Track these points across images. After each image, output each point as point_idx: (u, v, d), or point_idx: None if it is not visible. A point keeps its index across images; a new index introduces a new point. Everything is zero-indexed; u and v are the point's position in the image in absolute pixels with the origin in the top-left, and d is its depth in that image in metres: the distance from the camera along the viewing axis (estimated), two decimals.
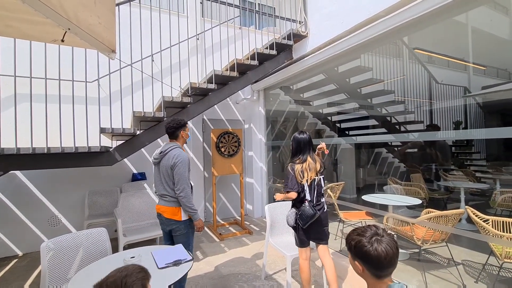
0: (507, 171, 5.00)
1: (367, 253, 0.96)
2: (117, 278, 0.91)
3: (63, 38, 1.67)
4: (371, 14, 2.67)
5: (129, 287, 0.88)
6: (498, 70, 6.60)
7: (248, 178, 5.42)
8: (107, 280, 0.91)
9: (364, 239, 0.98)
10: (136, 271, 0.95)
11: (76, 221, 3.98)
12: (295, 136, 2.41)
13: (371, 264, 0.97)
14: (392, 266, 0.97)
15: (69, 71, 2.58)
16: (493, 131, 3.21)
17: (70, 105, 2.53)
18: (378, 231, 1.00)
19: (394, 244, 0.97)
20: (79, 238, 2.15)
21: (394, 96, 4.89)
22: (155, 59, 3.84)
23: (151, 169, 4.59)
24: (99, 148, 2.48)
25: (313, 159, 2.32)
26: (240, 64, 3.26)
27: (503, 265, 2.34)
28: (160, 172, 2.32)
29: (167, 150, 2.33)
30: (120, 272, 0.93)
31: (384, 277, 0.98)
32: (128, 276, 0.91)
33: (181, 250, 1.96)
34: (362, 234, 1.00)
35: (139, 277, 0.94)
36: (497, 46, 6.41)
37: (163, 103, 2.83)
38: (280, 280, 2.86)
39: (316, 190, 2.30)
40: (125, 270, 0.94)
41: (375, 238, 0.97)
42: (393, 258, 0.96)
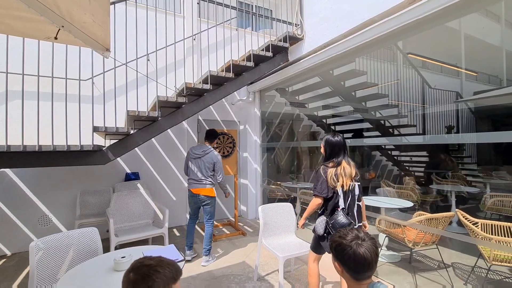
0: (497, 176, 5.09)
1: (346, 256, 0.99)
2: (156, 262, 0.97)
3: (56, 36, 1.66)
4: (365, 19, 2.71)
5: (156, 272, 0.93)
6: (489, 76, 6.73)
7: (242, 179, 5.42)
8: (146, 261, 0.98)
9: (344, 241, 1.01)
10: (175, 266, 1.01)
11: (67, 220, 3.93)
12: (329, 139, 2.19)
13: (349, 267, 0.99)
14: (369, 270, 0.98)
15: (62, 69, 2.55)
16: (484, 136, 3.29)
17: (63, 103, 2.50)
18: (359, 235, 1.02)
19: (374, 250, 0.99)
20: (70, 238, 2.12)
21: (388, 100, 4.95)
22: (150, 59, 3.83)
23: (144, 168, 4.56)
24: (91, 147, 2.46)
25: (349, 164, 2.13)
26: (236, 65, 3.27)
27: (491, 268, 2.38)
28: (201, 164, 3.38)
29: (208, 150, 3.42)
30: (160, 261, 0.99)
31: (362, 280, 1.00)
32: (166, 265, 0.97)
33: (172, 250, 1.95)
34: (344, 237, 1.03)
35: (176, 267, 1.00)
36: (489, 53, 6.55)
37: (157, 102, 2.82)
38: (272, 282, 2.87)
39: (351, 197, 2.10)
40: (163, 261, 1.00)
41: (355, 242, 0.99)
42: (371, 263, 0.98)
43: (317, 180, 2.14)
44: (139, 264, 0.96)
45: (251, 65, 3.37)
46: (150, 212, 3.75)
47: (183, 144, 4.88)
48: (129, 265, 1.72)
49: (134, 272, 0.94)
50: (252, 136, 5.31)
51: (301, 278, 2.95)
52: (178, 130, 4.81)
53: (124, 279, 0.95)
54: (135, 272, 0.93)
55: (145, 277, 0.92)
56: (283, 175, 6.38)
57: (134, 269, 0.95)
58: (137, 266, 0.96)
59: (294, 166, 6.68)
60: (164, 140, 4.70)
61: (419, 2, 2.30)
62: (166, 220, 3.38)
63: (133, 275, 0.93)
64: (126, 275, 0.95)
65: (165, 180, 4.73)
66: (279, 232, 2.99)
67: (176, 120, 3.13)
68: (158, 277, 0.92)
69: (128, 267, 0.98)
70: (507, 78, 5.86)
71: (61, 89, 2.69)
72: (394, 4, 2.43)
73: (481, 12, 6.57)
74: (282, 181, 5.66)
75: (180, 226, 4.81)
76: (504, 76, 6.08)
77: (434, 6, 2.24)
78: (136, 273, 0.93)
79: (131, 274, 0.93)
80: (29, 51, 2.37)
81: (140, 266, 0.95)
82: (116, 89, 2.88)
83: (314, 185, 2.17)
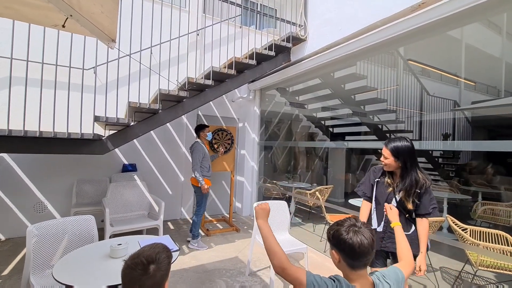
0: (490, 185, 5.18)
1: (343, 241, 1.02)
2: (151, 253, 1.00)
3: (64, 24, 1.68)
4: (368, 24, 2.75)
5: (161, 262, 0.98)
6: (488, 87, 6.82)
7: (239, 176, 5.46)
8: (143, 253, 0.99)
9: (341, 228, 1.05)
10: (165, 250, 1.06)
11: (63, 208, 3.95)
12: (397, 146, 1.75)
13: (346, 252, 1.03)
14: (365, 256, 1.02)
15: (66, 57, 2.57)
16: (479, 144, 3.35)
17: (65, 91, 2.52)
18: (357, 223, 1.07)
19: (370, 236, 1.03)
20: (66, 224, 2.15)
21: (386, 105, 5.01)
22: (153, 52, 3.84)
23: (142, 161, 4.58)
24: (92, 135, 2.48)
25: None
26: (238, 62, 3.30)
27: (477, 273, 2.45)
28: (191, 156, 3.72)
29: (193, 143, 3.76)
30: (153, 248, 1.03)
31: (358, 268, 1.03)
32: (160, 252, 1.01)
33: (168, 240, 1.98)
34: (341, 224, 1.08)
35: (168, 255, 1.05)
36: (489, 64, 6.64)
37: (159, 95, 2.85)
38: (263, 277, 2.91)
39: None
40: (157, 248, 1.04)
41: (352, 228, 1.04)
42: (367, 249, 1.01)
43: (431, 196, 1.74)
44: (142, 253, 0.99)
45: (253, 63, 3.40)
46: (146, 204, 3.78)
47: (181, 138, 4.91)
48: (125, 252, 1.77)
49: (155, 264, 0.96)
50: (251, 134, 5.35)
51: None
52: (177, 125, 4.84)
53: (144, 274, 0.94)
54: (156, 264, 0.97)
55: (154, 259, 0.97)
56: (279, 174, 6.43)
57: (152, 261, 0.97)
58: (155, 257, 0.98)
59: (291, 166, 6.74)
60: (163, 133, 4.72)
61: (421, 10, 2.34)
62: (161, 212, 3.41)
63: (155, 267, 0.96)
64: (145, 269, 0.95)
65: (162, 174, 4.76)
66: (272, 229, 3.03)
67: (176, 114, 3.16)
68: (164, 258, 1.00)
69: (136, 258, 0.97)
70: (505, 89, 5.96)
71: (64, 77, 2.71)
72: (397, 11, 2.47)
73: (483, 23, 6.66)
74: (278, 180, 5.71)
75: (174, 220, 4.85)
76: (503, 87, 6.17)
77: (436, 15, 2.29)
78: (157, 264, 0.97)
79: (152, 266, 0.95)
80: (33, 38, 2.38)
81: (157, 256, 0.99)
82: (119, 80, 2.90)
83: (434, 204, 1.75)
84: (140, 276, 0.94)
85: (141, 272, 0.94)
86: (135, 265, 0.95)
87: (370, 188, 1.94)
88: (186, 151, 4.92)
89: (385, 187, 1.83)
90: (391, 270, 1.13)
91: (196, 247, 3.57)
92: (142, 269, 0.94)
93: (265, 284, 2.78)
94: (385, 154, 1.78)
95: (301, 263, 3.30)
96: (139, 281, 0.94)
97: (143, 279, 0.94)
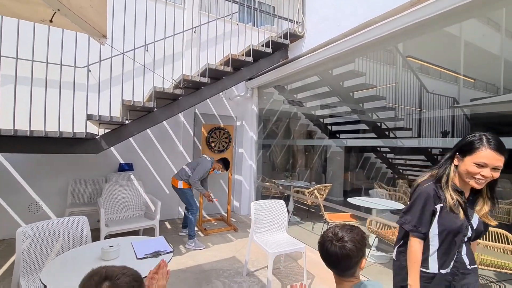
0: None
1: (320, 252, 1.05)
2: (116, 270, 0.89)
3: (52, 19, 1.63)
4: (367, 19, 2.70)
5: (118, 284, 0.85)
6: (487, 84, 6.80)
7: (237, 175, 5.42)
8: (109, 267, 0.90)
9: (322, 239, 1.05)
10: (135, 277, 0.92)
11: (58, 208, 3.90)
12: None
13: (325, 262, 1.05)
14: (340, 268, 1.01)
15: (58, 55, 2.51)
16: None
17: (57, 90, 2.46)
18: (338, 235, 1.02)
19: (346, 252, 0.98)
20: (58, 225, 2.10)
21: (385, 102, 4.97)
22: (148, 50, 3.79)
23: (138, 160, 4.53)
24: (84, 134, 2.43)
25: None
26: (234, 59, 3.25)
27: None
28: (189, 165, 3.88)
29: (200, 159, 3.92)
30: (123, 269, 0.92)
31: (344, 277, 1.02)
32: (125, 275, 0.89)
33: (162, 242, 1.94)
34: (326, 232, 1.06)
35: (134, 285, 0.90)
36: (488, 61, 6.60)
37: (153, 93, 2.80)
38: (261, 277, 2.88)
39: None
40: (127, 270, 0.92)
41: (329, 241, 1.02)
42: (341, 262, 0.99)
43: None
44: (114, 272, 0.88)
45: (250, 60, 3.35)
46: (142, 203, 3.73)
47: (178, 137, 4.85)
48: (117, 254, 1.72)
49: (109, 282, 0.85)
50: (249, 132, 5.30)
51: (290, 275, 2.97)
52: (174, 123, 4.78)
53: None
54: (110, 282, 0.85)
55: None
56: (278, 172, 6.39)
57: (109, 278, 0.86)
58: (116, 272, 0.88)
59: (289, 164, 6.70)
60: (159, 132, 4.67)
61: (420, 5, 2.29)
62: (157, 212, 3.37)
63: (110, 285, 0.84)
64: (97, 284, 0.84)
65: (159, 173, 4.71)
66: (270, 228, 3.00)
67: (172, 112, 3.11)
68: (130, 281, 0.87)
69: (96, 274, 0.87)
70: (504, 86, 5.93)
71: (56, 75, 2.65)
72: (395, 6, 2.43)
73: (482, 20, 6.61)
74: (276, 178, 5.67)
75: (172, 219, 4.80)
76: (501, 85, 6.14)
77: (435, 10, 2.24)
78: (112, 282, 0.85)
79: (106, 283, 0.84)
80: (24, 35, 2.33)
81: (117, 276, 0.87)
82: (113, 79, 2.85)
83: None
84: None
85: (94, 283, 0.84)
86: (94, 274, 0.86)
87: (428, 220, 1.28)
88: (183, 150, 4.87)
89: (453, 213, 1.25)
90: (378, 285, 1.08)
91: (193, 247, 3.54)
92: (96, 281, 0.84)
93: (262, 284, 2.74)
94: (500, 164, 1.16)
95: (299, 263, 3.27)
96: None
97: None
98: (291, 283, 2.81)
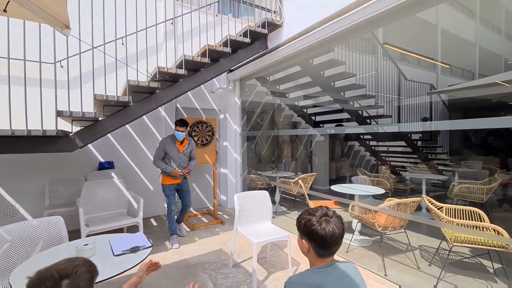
0: (465, 165, 5.37)
1: (315, 232, 1.00)
2: (67, 266, 0.85)
3: (6, 8, 1.52)
4: (342, 6, 2.70)
5: (79, 277, 0.83)
6: (463, 70, 7.01)
7: (222, 168, 5.39)
8: (56, 266, 0.85)
9: (314, 218, 1.02)
10: (87, 263, 0.90)
11: (35, 211, 3.75)
12: None
13: (317, 243, 1.00)
14: (336, 245, 1.01)
15: (25, 49, 2.36)
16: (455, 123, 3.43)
17: (22, 87, 2.33)
18: (328, 212, 1.04)
19: (341, 226, 1.02)
20: (31, 227, 2.02)
21: (365, 91, 5.04)
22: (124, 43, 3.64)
23: (120, 157, 4.41)
24: (55, 132, 2.32)
25: None
26: (212, 50, 3.18)
27: (452, 249, 2.52)
28: None
29: None
30: (70, 261, 0.88)
31: (326, 257, 1.02)
32: (79, 266, 0.86)
33: (140, 237, 1.91)
34: (313, 213, 1.04)
35: (90, 269, 0.89)
36: (464, 48, 6.79)
37: (127, 87, 2.70)
38: (247, 268, 2.90)
39: None
40: (76, 261, 0.89)
41: (324, 218, 1.01)
42: (338, 238, 1.00)
43: None
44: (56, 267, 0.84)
45: (228, 51, 3.29)
46: (125, 201, 3.65)
47: (160, 132, 4.75)
48: (93, 252, 1.68)
49: (71, 279, 0.81)
50: (232, 125, 5.26)
51: (276, 264, 3.00)
52: (154, 118, 4.67)
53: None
54: (72, 278, 0.81)
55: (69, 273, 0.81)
56: (264, 164, 6.41)
57: (65, 276, 0.81)
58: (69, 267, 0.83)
59: (275, 156, 6.73)
60: (140, 128, 4.55)
61: None
62: (140, 209, 3.30)
63: (69, 282, 0.80)
64: (55, 285, 0.79)
65: (142, 170, 4.61)
66: (255, 219, 3.01)
67: (150, 106, 3.03)
68: (84, 271, 0.84)
69: (43, 273, 0.82)
70: (479, 72, 6.13)
71: (21, 72, 2.50)
72: None
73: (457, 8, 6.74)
74: (262, 170, 5.69)
75: (157, 216, 4.74)
76: (477, 71, 6.36)
77: None
78: (71, 279, 0.81)
79: (65, 281, 0.80)
80: None
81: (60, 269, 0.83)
82: (86, 74, 2.73)
83: None
84: None
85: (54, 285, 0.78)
86: (42, 280, 0.79)
87: None
88: None
89: None
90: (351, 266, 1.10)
91: (174, 243, 3.48)
92: (51, 286, 0.78)
93: (248, 274, 2.76)
94: None
95: (285, 251, 3.31)
96: None
97: None
98: (276, 271, 2.85)
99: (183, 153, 3.53)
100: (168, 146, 3.45)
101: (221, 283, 2.61)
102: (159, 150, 3.44)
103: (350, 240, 3.36)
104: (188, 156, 3.63)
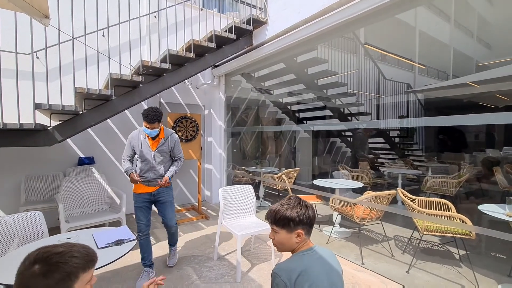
0: (438, 160, 5.70)
1: (309, 217, 1.11)
2: (66, 248, 0.84)
3: None
4: (325, 6, 2.79)
5: (61, 267, 0.80)
6: (438, 71, 7.39)
7: (207, 164, 5.39)
8: (54, 249, 0.83)
9: (301, 209, 1.11)
10: (82, 248, 0.89)
11: (11, 208, 3.59)
12: None
13: (309, 224, 1.11)
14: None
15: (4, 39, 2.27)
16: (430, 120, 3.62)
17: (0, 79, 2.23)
18: (299, 199, 1.15)
19: (309, 204, 1.16)
20: (8, 224, 1.96)
21: (347, 89, 5.21)
22: (104, 35, 3.55)
23: (101, 152, 4.31)
24: (33, 125, 2.25)
25: None
26: (197, 45, 3.18)
27: (423, 237, 2.71)
28: None
29: None
30: (71, 246, 0.87)
31: (309, 236, 1.14)
32: (75, 251, 0.85)
33: (125, 230, 1.91)
34: (295, 206, 1.11)
35: (89, 252, 0.89)
36: (439, 50, 7.15)
37: (110, 80, 2.66)
38: (231, 260, 2.96)
39: None
40: (77, 252, 0.86)
41: (303, 204, 1.13)
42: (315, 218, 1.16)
43: None
44: (47, 253, 0.81)
45: (213, 46, 3.30)
46: (106, 197, 3.59)
47: None
48: None
49: (41, 263, 0.78)
50: (217, 121, 5.27)
51: (260, 256, 3.08)
52: (138, 113, 4.58)
53: (26, 273, 0.77)
54: (43, 263, 0.78)
55: (59, 265, 0.79)
56: (248, 160, 6.47)
57: (41, 260, 0.79)
58: (45, 256, 0.80)
59: (259, 152, 6.80)
60: (122, 123, 4.46)
61: None
62: (123, 204, 3.27)
63: (41, 267, 0.78)
64: (27, 268, 0.78)
65: None
66: (239, 213, 3.07)
67: (133, 101, 2.99)
68: (76, 262, 0.82)
69: (27, 258, 0.81)
70: (453, 73, 6.48)
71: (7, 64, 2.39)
72: None
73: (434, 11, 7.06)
74: (247, 166, 5.74)
75: None
76: (451, 71, 6.71)
77: None
78: (45, 263, 0.78)
79: (37, 266, 0.78)
80: None
81: (50, 256, 0.80)
82: (65, 66, 2.64)
83: None
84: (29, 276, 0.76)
85: (26, 267, 0.78)
86: (25, 258, 0.80)
87: None
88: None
89: None
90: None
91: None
92: (24, 266, 0.78)
93: (233, 266, 2.82)
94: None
95: (268, 244, 3.40)
96: (28, 281, 0.76)
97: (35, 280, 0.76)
98: (260, 263, 2.93)
99: (158, 150, 2.59)
100: (135, 141, 2.59)
101: (206, 275, 2.65)
102: (127, 147, 2.63)
103: (331, 232, 3.50)
104: (168, 155, 2.67)
